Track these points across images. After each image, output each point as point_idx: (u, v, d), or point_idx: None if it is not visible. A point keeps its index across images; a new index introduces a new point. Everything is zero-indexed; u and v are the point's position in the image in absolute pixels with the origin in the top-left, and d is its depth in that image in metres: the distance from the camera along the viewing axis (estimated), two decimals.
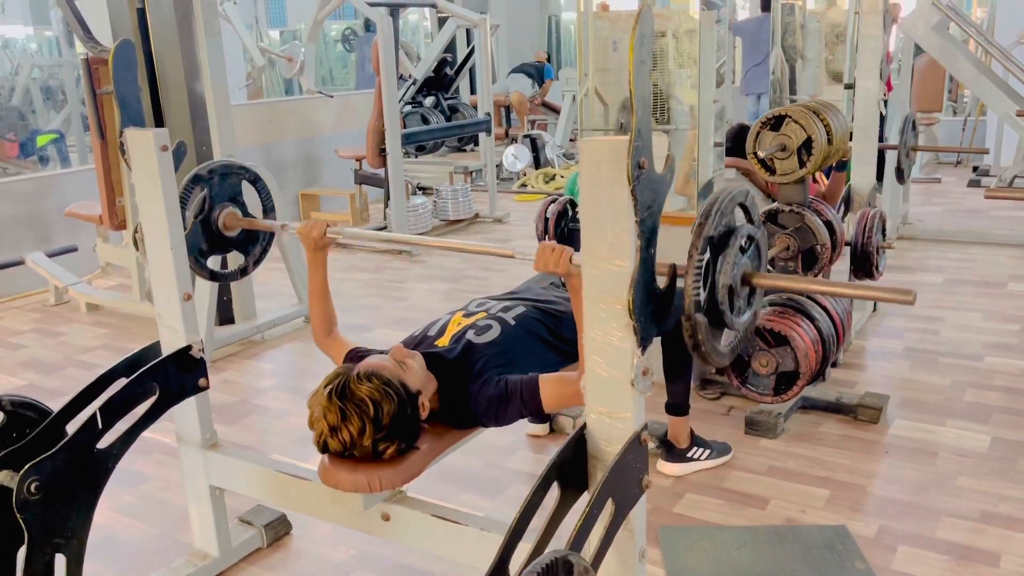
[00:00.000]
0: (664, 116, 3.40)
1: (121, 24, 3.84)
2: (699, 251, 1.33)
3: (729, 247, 1.38)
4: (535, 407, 1.83)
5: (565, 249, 1.59)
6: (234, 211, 2.19)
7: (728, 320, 1.40)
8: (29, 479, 1.67)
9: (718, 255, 1.38)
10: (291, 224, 2.12)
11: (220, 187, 2.16)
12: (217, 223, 2.17)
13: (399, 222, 5.67)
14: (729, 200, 1.40)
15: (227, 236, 2.20)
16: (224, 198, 2.17)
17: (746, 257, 1.44)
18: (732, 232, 1.40)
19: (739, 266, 1.42)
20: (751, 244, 1.45)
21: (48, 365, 3.87)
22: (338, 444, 1.69)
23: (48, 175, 5.91)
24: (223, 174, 2.16)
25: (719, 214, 1.36)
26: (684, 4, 3.48)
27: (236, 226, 2.20)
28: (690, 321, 1.34)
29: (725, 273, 1.38)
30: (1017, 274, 4.55)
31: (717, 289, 1.37)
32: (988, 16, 8.24)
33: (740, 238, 1.40)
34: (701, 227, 1.34)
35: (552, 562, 1.18)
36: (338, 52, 12.76)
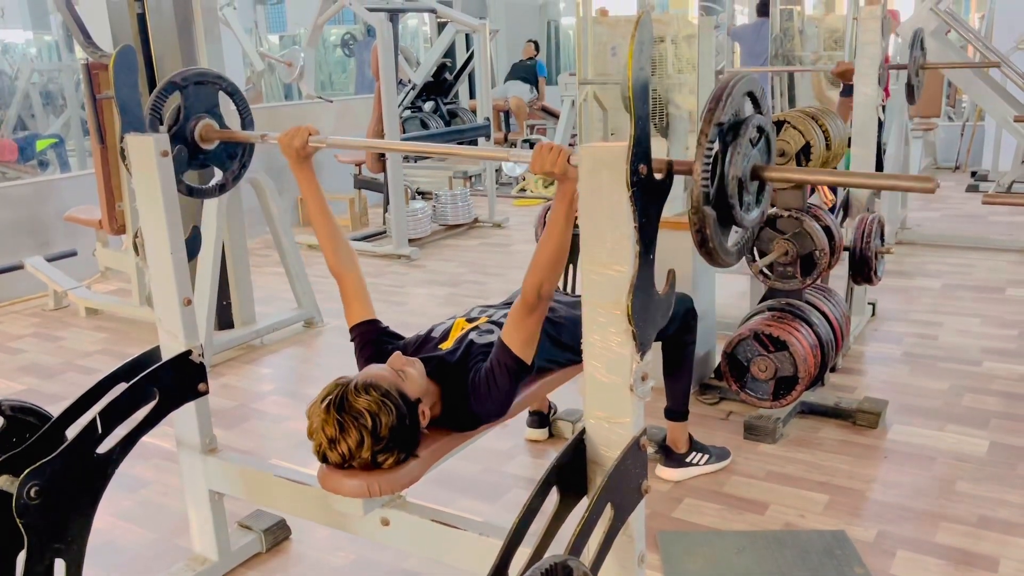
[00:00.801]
0: (663, 122, 3.41)
1: (121, 29, 3.85)
2: (708, 138, 1.24)
3: (739, 137, 1.29)
4: (510, 358, 1.82)
5: (563, 148, 1.56)
6: (210, 123, 2.08)
7: (737, 216, 1.31)
8: (29, 484, 1.67)
9: (727, 146, 1.28)
10: (271, 134, 2.02)
11: (195, 97, 2.04)
12: (193, 134, 2.05)
13: (398, 227, 5.67)
14: (739, 85, 1.30)
15: (204, 149, 2.10)
16: (200, 109, 2.05)
17: (756, 149, 1.35)
18: (742, 123, 1.30)
19: (749, 158, 1.32)
20: (761, 136, 1.37)
21: (47, 370, 3.87)
22: (337, 456, 1.69)
23: (48, 180, 5.93)
24: (198, 82, 2.05)
25: (730, 99, 1.27)
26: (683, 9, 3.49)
27: (213, 138, 2.09)
28: (698, 214, 1.25)
29: (735, 164, 1.28)
30: (1015, 279, 4.55)
31: (727, 182, 1.28)
32: (986, 22, 8.27)
33: (750, 128, 1.31)
34: (711, 112, 1.25)
35: (551, 567, 1.18)
36: (338, 57, 12.78)
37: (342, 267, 2.05)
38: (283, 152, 1.97)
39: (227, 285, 4.04)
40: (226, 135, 2.11)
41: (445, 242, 6.14)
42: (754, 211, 1.38)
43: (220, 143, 2.13)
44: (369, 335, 2.03)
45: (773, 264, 2.75)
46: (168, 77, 2.02)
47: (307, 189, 2.03)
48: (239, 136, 2.11)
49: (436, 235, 6.24)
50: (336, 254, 2.04)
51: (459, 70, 8.48)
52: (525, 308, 1.76)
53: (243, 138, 2.12)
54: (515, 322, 1.81)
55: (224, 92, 2.13)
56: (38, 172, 7.92)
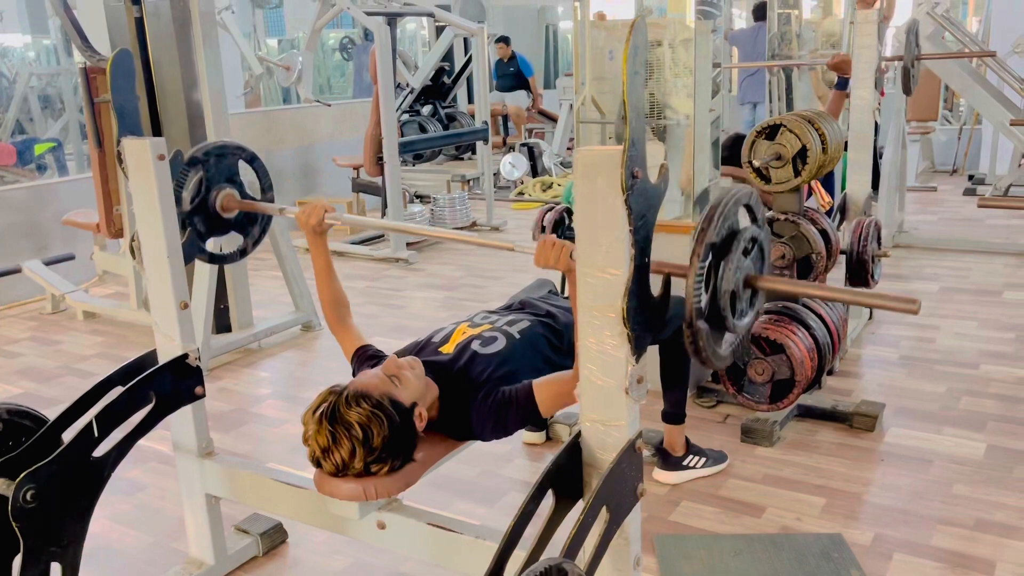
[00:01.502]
0: (661, 126, 3.41)
1: (119, 33, 3.85)
2: (700, 258, 1.30)
3: (732, 252, 1.34)
4: (533, 413, 1.83)
5: (565, 244, 1.58)
6: (231, 192, 2.14)
7: (730, 324, 1.37)
8: (25, 487, 1.67)
9: (720, 260, 1.34)
10: (289, 208, 2.09)
11: (216, 168, 2.11)
12: (215, 205, 2.12)
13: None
14: (733, 203, 1.36)
15: (225, 218, 2.16)
16: (221, 179, 2.12)
17: (749, 259, 1.41)
18: (735, 235, 1.36)
19: (742, 270, 1.38)
20: (754, 246, 1.42)
21: (44, 373, 3.87)
22: (331, 466, 1.70)
23: (46, 183, 5.93)
24: (219, 155, 2.11)
25: (722, 218, 1.33)
26: (681, 13, 3.49)
27: (234, 208, 2.15)
28: (691, 328, 1.31)
29: (727, 279, 1.34)
30: (1012, 282, 4.56)
31: (719, 295, 1.34)
32: (983, 26, 8.29)
33: (743, 241, 1.36)
34: (703, 232, 1.31)
35: (546, 569, 1.19)
36: (336, 61, 12.79)
37: (341, 328, 2.13)
38: (300, 227, 2.05)
39: (224, 289, 4.04)
40: (246, 205, 2.17)
41: (443, 246, 6.14)
42: (747, 316, 1.44)
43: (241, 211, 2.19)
44: (366, 353, 2.08)
45: (770, 267, 2.75)
46: (190, 152, 2.08)
47: (318, 259, 2.10)
48: (258, 207, 2.18)
49: (435, 238, 6.24)
50: (338, 318, 2.12)
51: (457, 74, 8.50)
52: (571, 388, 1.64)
53: (262, 209, 2.19)
54: (556, 388, 1.81)
55: (244, 161, 2.20)
56: (36, 176, 7.92)
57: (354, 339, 2.11)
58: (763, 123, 2.75)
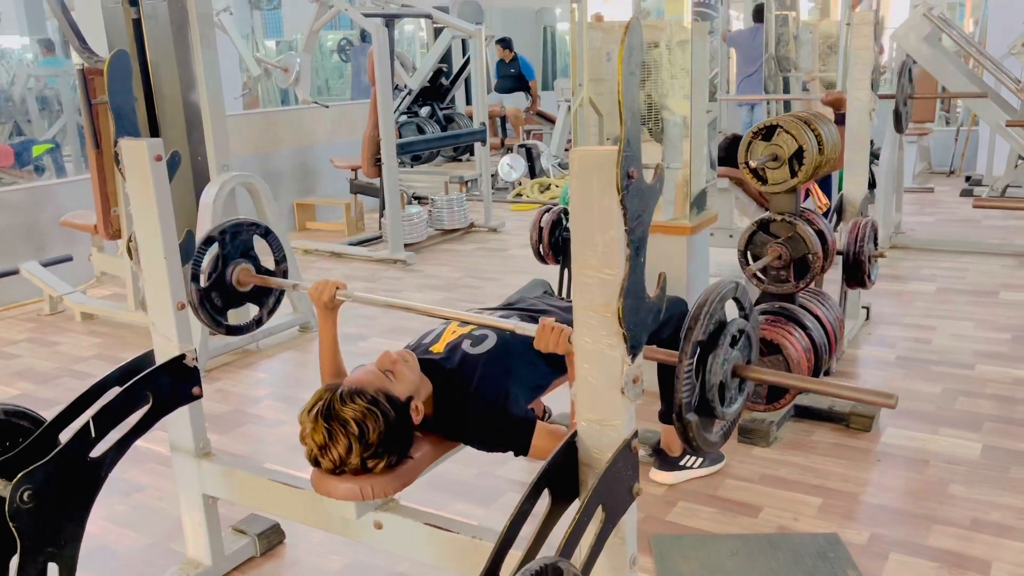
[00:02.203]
0: (657, 127, 3.42)
1: (117, 35, 3.85)
2: (688, 356, 1.37)
3: (719, 346, 1.41)
4: (522, 451, 1.87)
5: (564, 328, 1.61)
6: (247, 267, 2.22)
7: (719, 413, 1.44)
8: (22, 488, 1.67)
9: (707, 355, 1.41)
10: (302, 284, 2.15)
11: (232, 245, 2.19)
12: (231, 280, 2.20)
13: (394, 232, 5.68)
14: (719, 299, 1.43)
15: (240, 291, 2.23)
16: (236, 255, 2.20)
17: (737, 350, 1.47)
18: (722, 329, 1.43)
19: (729, 361, 1.45)
20: (742, 335, 1.48)
21: (42, 375, 3.87)
22: (328, 463, 1.70)
23: (43, 185, 5.93)
24: (234, 232, 2.19)
25: (708, 317, 1.39)
26: (678, 15, 3.50)
27: (249, 282, 2.22)
28: (681, 421, 1.37)
29: (714, 373, 1.41)
30: (1009, 283, 4.57)
31: (707, 387, 1.40)
32: (979, 27, 8.30)
33: (730, 334, 1.43)
34: (690, 331, 1.39)
35: (542, 569, 1.19)
36: (334, 62, 12.80)
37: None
38: (313, 303, 2.08)
39: None
40: (261, 280, 2.24)
41: (441, 247, 6.15)
42: (736, 403, 1.50)
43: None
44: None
45: (767, 268, 2.76)
46: (207, 232, 2.15)
47: (326, 335, 2.10)
48: (272, 283, 2.26)
49: (432, 240, 6.24)
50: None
51: (455, 76, 8.51)
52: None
53: (276, 285, 2.27)
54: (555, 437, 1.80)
55: (259, 235, 2.27)
56: (34, 177, 7.92)
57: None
58: (760, 124, 2.76)
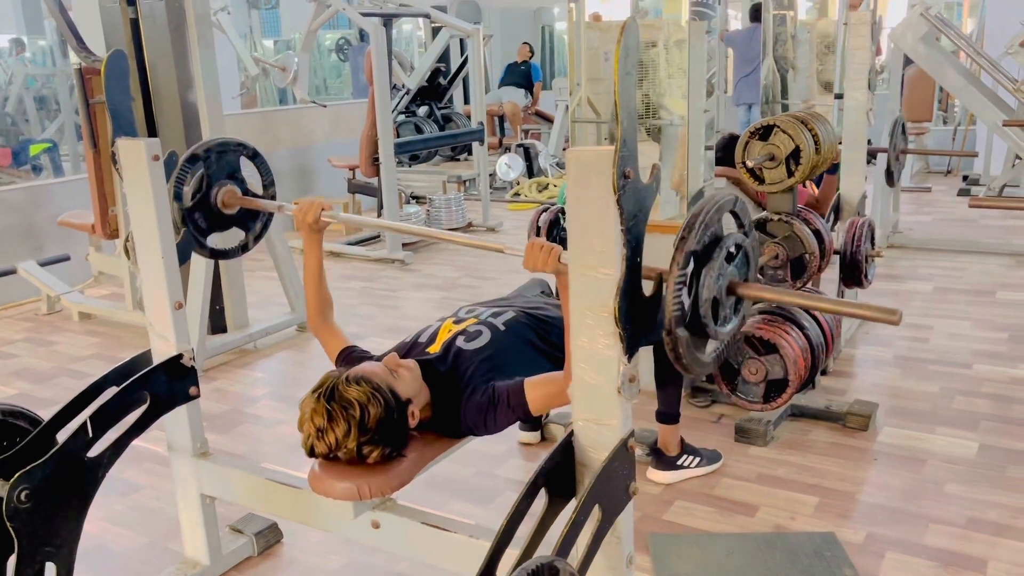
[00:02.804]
0: (655, 127, 3.42)
1: (114, 34, 3.85)
2: (680, 266, 1.31)
3: (714, 259, 1.35)
4: (522, 411, 1.83)
5: (554, 248, 1.58)
6: (232, 188, 2.15)
7: (711, 331, 1.37)
8: (19, 487, 1.68)
9: (702, 267, 1.35)
10: (287, 205, 2.10)
11: (217, 165, 2.12)
12: (216, 201, 2.14)
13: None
14: (715, 210, 1.37)
15: (226, 214, 2.17)
16: (222, 176, 2.14)
17: (733, 266, 1.41)
18: (718, 242, 1.36)
19: (724, 277, 1.38)
20: (739, 252, 1.42)
21: (40, 374, 3.87)
22: (324, 447, 1.70)
23: (41, 184, 5.93)
24: (220, 151, 2.12)
25: (703, 227, 1.33)
26: (676, 15, 3.50)
27: (235, 204, 2.16)
28: (671, 336, 1.32)
29: (708, 286, 1.35)
30: (1006, 282, 4.58)
31: (700, 302, 1.34)
32: (977, 27, 8.31)
33: (726, 248, 1.37)
34: (683, 240, 1.32)
35: (538, 568, 1.19)
36: (332, 62, 12.79)
37: (323, 329, 2.14)
38: (296, 225, 2.06)
39: (220, 289, 4.04)
40: (246, 202, 2.19)
41: (439, 246, 6.14)
42: (731, 323, 1.44)
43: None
44: (352, 352, 2.08)
45: (763, 267, 2.76)
46: (191, 149, 2.09)
47: (310, 257, 2.10)
48: (258, 205, 2.20)
49: (430, 239, 6.24)
50: (320, 317, 2.13)
51: (453, 75, 8.51)
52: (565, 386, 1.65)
53: (262, 207, 2.21)
54: (547, 387, 1.81)
55: (246, 157, 2.21)
56: (32, 177, 7.92)
57: (338, 340, 2.12)
58: (757, 124, 2.76)
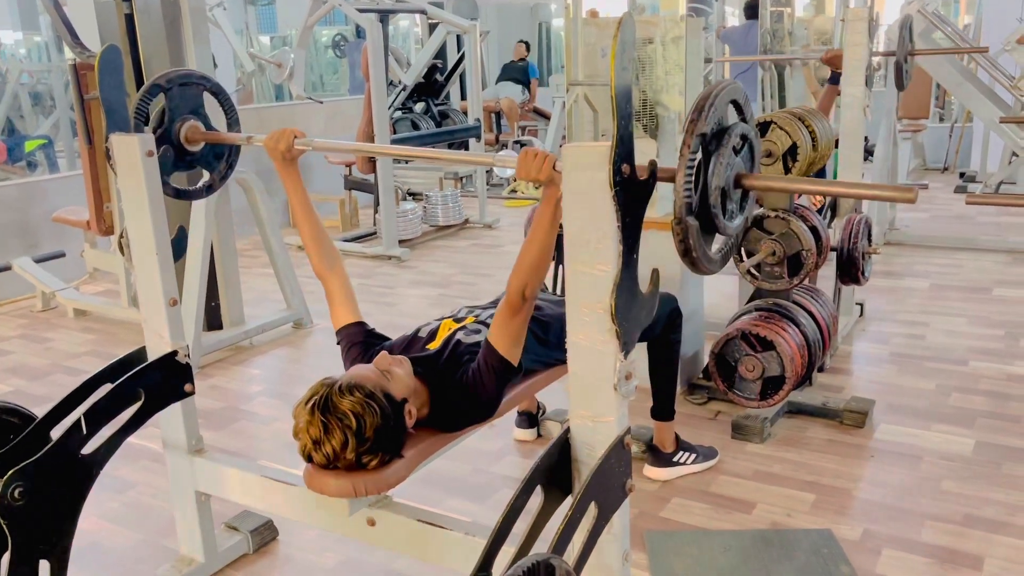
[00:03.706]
0: (652, 123, 3.41)
1: (109, 30, 3.83)
2: (691, 149, 1.25)
3: (722, 146, 1.30)
4: (497, 360, 1.82)
5: (548, 155, 1.55)
6: (196, 124, 2.06)
7: (720, 225, 1.32)
8: (13, 485, 1.66)
9: (710, 155, 1.29)
10: (256, 136, 2.02)
11: (180, 98, 2.02)
12: (179, 136, 2.04)
13: (389, 228, 5.67)
14: (723, 94, 1.31)
15: (190, 151, 2.08)
16: (185, 111, 2.04)
17: (739, 158, 1.36)
18: (725, 131, 1.31)
19: (732, 167, 1.34)
20: (744, 144, 1.37)
21: (34, 371, 3.86)
22: (322, 457, 1.68)
23: (36, 180, 5.90)
24: (183, 83, 2.04)
25: (712, 109, 1.27)
26: (672, 11, 3.50)
27: (199, 140, 2.07)
28: (681, 224, 1.26)
29: (718, 175, 1.29)
30: (1002, 279, 4.58)
31: (709, 191, 1.29)
32: (974, 23, 8.32)
33: (733, 137, 1.32)
34: (693, 123, 1.26)
35: (534, 565, 1.18)
36: (329, 58, 12.77)
37: (327, 269, 2.05)
38: (269, 154, 1.98)
39: (216, 286, 4.03)
40: (212, 137, 2.10)
41: (435, 243, 6.14)
42: (737, 218, 1.39)
43: (206, 144, 2.12)
44: (355, 337, 2.03)
45: (760, 264, 2.76)
46: (152, 79, 2.02)
47: (292, 191, 2.04)
48: (225, 138, 2.11)
49: (426, 236, 6.24)
50: (321, 256, 2.04)
51: (450, 71, 8.49)
52: (510, 309, 1.77)
53: (229, 140, 2.11)
54: (501, 323, 1.82)
55: (209, 92, 2.13)
56: (27, 173, 7.89)
57: (346, 303, 2.05)
58: (753, 120, 2.75)
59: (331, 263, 2.06)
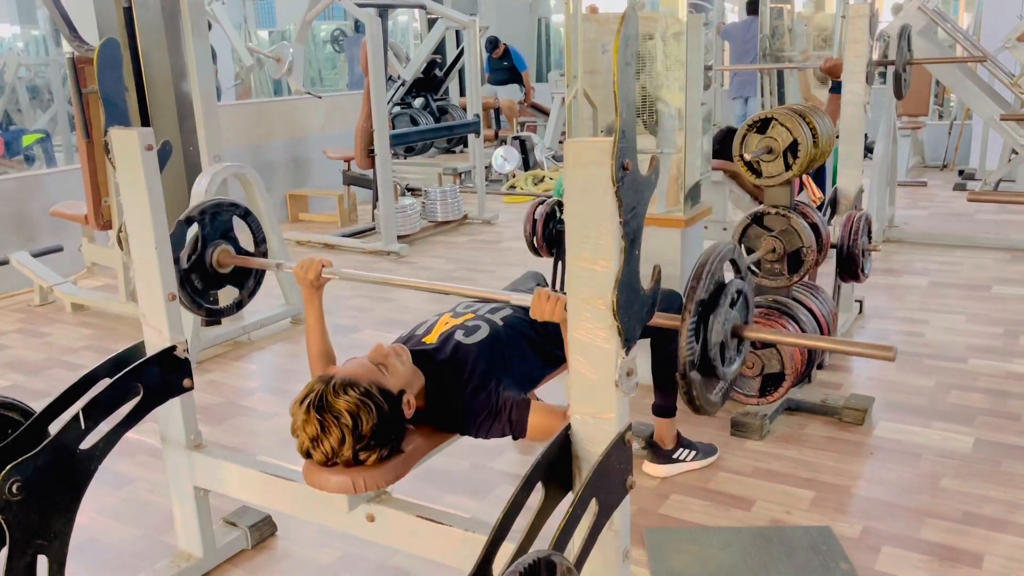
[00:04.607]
0: (652, 118, 3.41)
1: (107, 23, 3.82)
2: (692, 315, 1.38)
3: (719, 306, 1.43)
4: (520, 431, 1.84)
5: (560, 297, 1.59)
6: (227, 248, 2.18)
7: (720, 373, 1.46)
8: (11, 480, 1.66)
9: (709, 314, 1.43)
10: (286, 264, 2.11)
11: (211, 225, 2.15)
12: (211, 262, 2.16)
13: (387, 223, 5.66)
14: (718, 260, 1.45)
15: (221, 273, 2.19)
16: (216, 236, 2.16)
17: (735, 310, 1.50)
18: (722, 289, 1.45)
19: (729, 321, 1.47)
20: (740, 297, 1.51)
21: (32, 366, 3.85)
22: (321, 455, 1.69)
23: (34, 175, 5.88)
24: (214, 212, 2.15)
25: (709, 276, 1.41)
26: (672, 7, 3.48)
27: (229, 264, 2.18)
28: (685, 379, 1.40)
29: (716, 331, 1.43)
30: (1001, 277, 4.58)
31: (709, 346, 1.42)
32: (974, 21, 8.31)
33: (729, 294, 1.45)
34: (693, 291, 1.40)
35: (535, 562, 1.18)
36: (327, 53, 12.74)
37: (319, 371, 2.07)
38: (298, 281, 2.05)
39: None
40: (241, 261, 2.19)
41: (434, 239, 6.13)
42: (735, 363, 1.53)
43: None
44: None
45: (760, 261, 2.75)
46: (186, 212, 2.10)
47: (312, 315, 2.07)
48: (254, 264, 2.20)
49: (425, 232, 6.23)
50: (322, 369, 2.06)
51: (449, 67, 8.48)
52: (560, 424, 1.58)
53: (259, 266, 2.21)
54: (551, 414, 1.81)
55: (238, 217, 2.22)
56: (24, 167, 7.87)
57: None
58: (754, 117, 2.75)
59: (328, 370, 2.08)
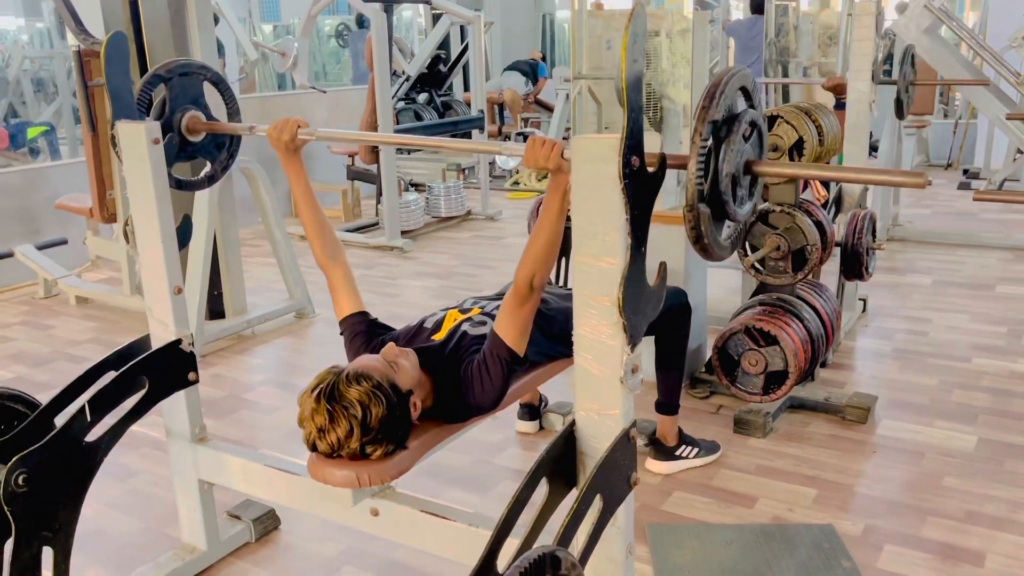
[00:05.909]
0: (657, 115, 3.40)
1: (113, 16, 3.82)
2: (703, 136, 1.26)
3: (732, 133, 1.31)
4: (504, 350, 1.81)
5: (556, 143, 1.55)
6: (197, 114, 2.05)
7: (731, 211, 1.34)
8: (17, 471, 1.67)
9: (721, 142, 1.31)
10: (259, 125, 2.00)
11: (180, 88, 2.00)
12: (180, 127, 2.02)
13: (391, 218, 5.66)
14: (733, 81, 1.32)
15: (190, 141, 2.06)
16: (185, 101, 2.02)
17: (748, 144, 1.38)
18: (735, 118, 1.33)
19: (742, 153, 1.35)
20: (753, 131, 1.39)
21: (37, 358, 3.86)
22: (326, 446, 1.68)
23: (38, 167, 5.89)
24: (183, 73, 2.02)
25: (723, 96, 1.29)
26: (678, 4, 3.48)
27: (200, 130, 2.05)
28: (692, 211, 1.28)
29: (728, 161, 1.30)
30: (1005, 276, 4.57)
31: (720, 178, 1.30)
32: (980, 19, 8.29)
33: (743, 124, 1.33)
34: (705, 110, 1.27)
35: (539, 557, 1.18)
36: (332, 47, 12.73)
37: (329, 259, 2.04)
38: (272, 144, 1.97)
39: (219, 275, 4.03)
40: (213, 127, 2.08)
41: (438, 234, 6.13)
42: (747, 204, 1.39)
43: (208, 134, 2.11)
44: (358, 327, 2.02)
45: (765, 259, 2.75)
46: (152, 69, 2.00)
47: (295, 181, 2.03)
48: (226, 128, 2.09)
49: (429, 227, 6.23)
50: (323, 246, 2.03)
51: (453, 62, 8.46)
52: (517, 299, 1.76)
53: (230, 130, 2.09)
54: (508, 313, 1.81)
55: (209, 82, 2.11)
56: (29, 160, 7.88)
57: (350, 295, 2.04)
58: (762, 107, 2.75)
59: (333, 253, 2.05)
